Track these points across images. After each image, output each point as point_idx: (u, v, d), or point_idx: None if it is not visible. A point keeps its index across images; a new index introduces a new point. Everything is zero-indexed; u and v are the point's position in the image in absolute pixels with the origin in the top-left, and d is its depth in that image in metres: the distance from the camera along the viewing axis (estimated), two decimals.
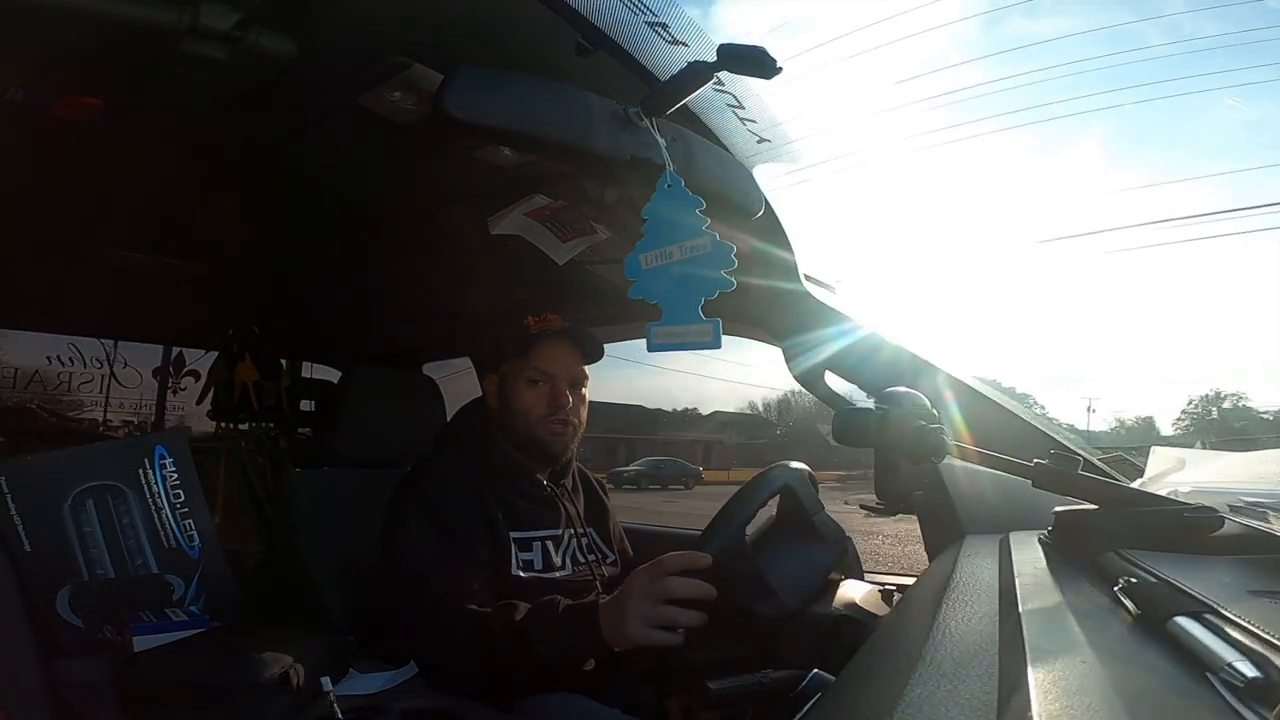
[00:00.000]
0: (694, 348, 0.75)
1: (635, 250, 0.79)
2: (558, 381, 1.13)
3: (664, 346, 0.77)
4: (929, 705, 0.30)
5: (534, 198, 1.06)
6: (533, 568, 1.08)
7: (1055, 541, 0.57)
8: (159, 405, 3.08)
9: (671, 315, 0.77)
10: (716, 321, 0.74)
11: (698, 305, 0.75)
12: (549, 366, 1.13)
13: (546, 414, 1.12)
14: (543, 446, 1.13)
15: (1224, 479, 0.73)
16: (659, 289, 0.77)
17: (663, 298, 0.77)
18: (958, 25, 15.11)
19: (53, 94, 0.86)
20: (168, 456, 1.19)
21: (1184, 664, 0.31)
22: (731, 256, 0.73)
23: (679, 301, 0.76)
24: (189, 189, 1.15)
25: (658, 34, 0.77)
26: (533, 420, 1.12)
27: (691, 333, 0.75)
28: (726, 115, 0.90)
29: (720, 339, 0.74)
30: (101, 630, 1.09)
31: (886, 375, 1.06)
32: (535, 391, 1.12)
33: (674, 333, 0.76)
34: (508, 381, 1.14)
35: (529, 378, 1.13)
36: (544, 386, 1.13)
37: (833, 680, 0.62)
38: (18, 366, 3.10)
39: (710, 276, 0.74)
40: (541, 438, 1.13)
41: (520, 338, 1.13)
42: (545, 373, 1.12)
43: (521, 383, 1.13)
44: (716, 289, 0.73)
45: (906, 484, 0.73)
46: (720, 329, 0.74)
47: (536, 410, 1.12)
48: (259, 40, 0.75)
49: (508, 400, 1.14)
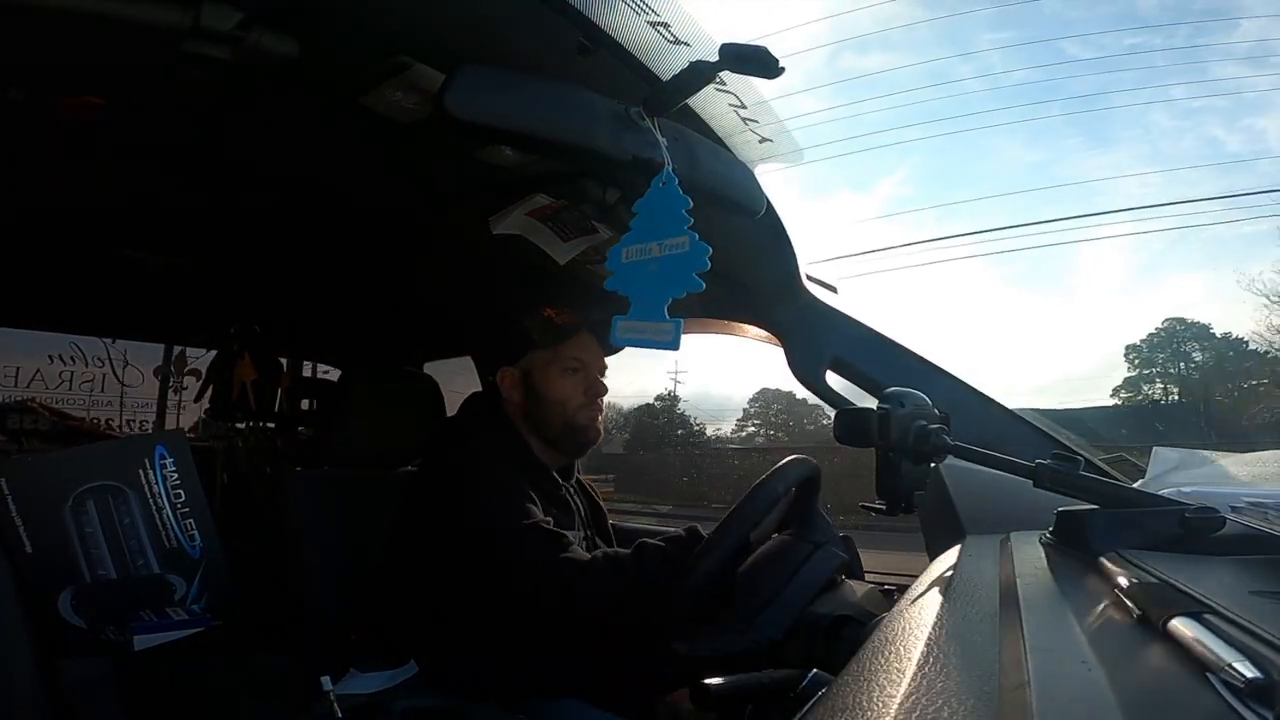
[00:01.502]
0: (655, 346, 0.75)
1: (620, 243, 0.79)
2: (591, 370, 1.14)
3: (629, 341, 0.77)
4: (929, 705, 0.30)
5: (535, 197, 1.06)
6: None
7: (1056, 541, 0.57)
8: (160, 404, 3.08)
9: (639, 310, 0.77)
10: (678, 322, 0.74)
11: (664, 304, 0.74)
12: (584, 355, 1.13)
13: (585, 401, 1.13)
14: (579, 434, 1.13)
15: (1224, 479, 0.73)
16: (633, 283, 0.77)
17: (634, 292, 0.77)
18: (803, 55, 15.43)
19: (54, 94, 0.86)
20: (168, 456, 1.19)
21: (1184, 664, 0.31)
22: (706, 259, 0.73)
23: (648, 297, 0.76)
24: (190, 188, 1.15)
25: (660, 34, 0.77)
26: (571, 408, 1.12)
27: (654, 330, 0.75)
28: (729, 115, 0.91)
29: (679, 341, 0.74)
30: (104, 630, 1.09)
31: (888, 375, 1.06)
32: (572, 380, 1.13)
33: (638, 329, 0.76)
34: (535, 372, 1.13)
35: (565, 366, 1.13)
36: (579, 375, 1.13)
37: (833, 680, 0.62)
38: (19, 365, 3.11)
39: (682, 276, 0.73)
40: (580, 424, 1.13)
41: (552, 327, 1.13)
42: (581, 361, 1.13)
43: (555, 371, 1.13)
44: (685, 290, 0.73)
45: (907, 484, 0.73)
46: (680, 330, 0.74)
47: (575, 398, 1.12)
48: (260, 40, 0.75)
49: (538, 391, 1.13)
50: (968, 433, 0.73)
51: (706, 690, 0.74)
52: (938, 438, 0.67)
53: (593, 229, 1.10)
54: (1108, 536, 0.53)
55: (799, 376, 1.18)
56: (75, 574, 1.09)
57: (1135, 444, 8.18)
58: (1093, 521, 0.55)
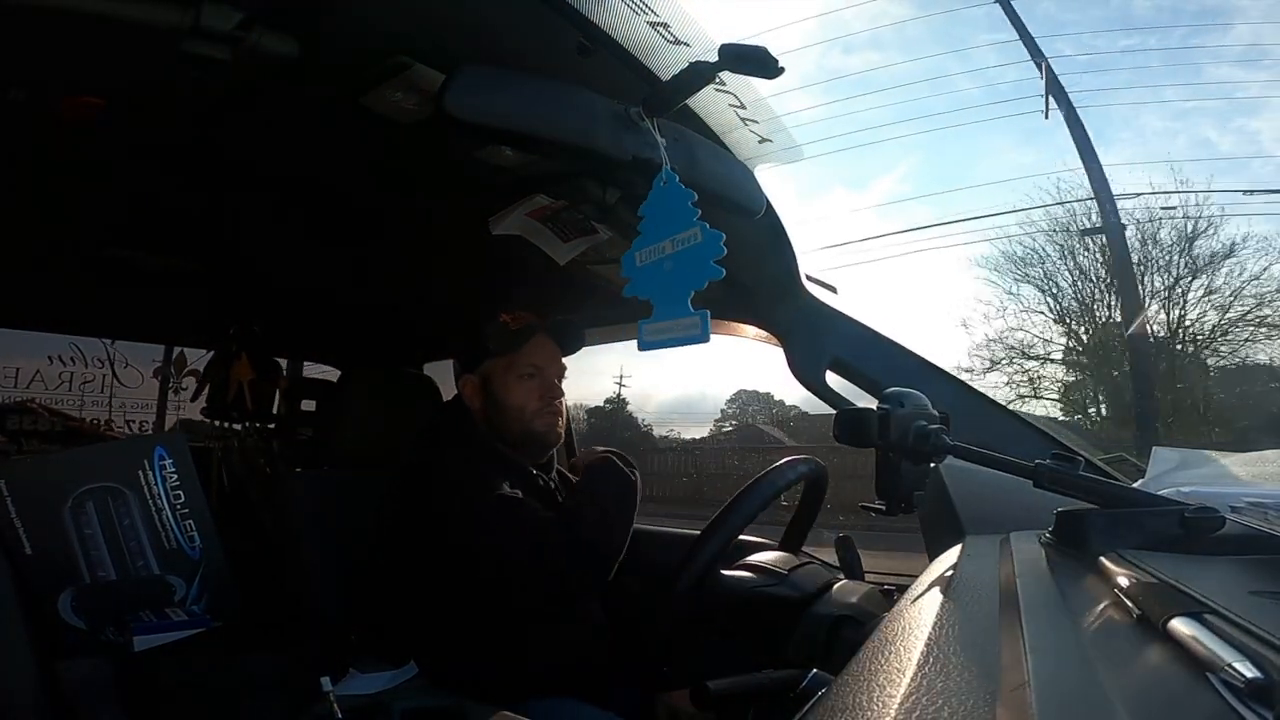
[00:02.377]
0: (683, 343, 0.74)
1: (631, 249, 0.79)
2: (547, 374, 1.15)
3: (655, 344, 0.77)
4: (929, 705, 0.30)
5: (535, 197, 1.06)
6: None
7: (1056, 541, 0.57)
8: (160, 405, 3.08)
9: (662, 311, 0.76)
10: (704, 314, 0.73)
11: (687, 297, 0.74)
12: (539, 360, 1.14)
13: (541, 406, 1.13)
14: (538, 439, 1.14)
15: (1224, 479, 0.73)
16: (651, 286, 0.77)
17: (654, 294, 0.77)
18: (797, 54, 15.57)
19: (54, 94, 0.86)
20: (167, 458, 1.19)
21: (1184, 664, 0.31)
22: (721, 245, 0.72)
23: (669, 296, 0.75)
24: (190, 188, 1.15)
25: (659, 34, 0.77)
26: (528, 415, 1.13)
27: (680, 327, 0.74)
28: (728, 115, 0.91)
29: (708, 332, 0.73)
30: (104, 631, 1.09)
31: (887, 375, 1.06)
32: (527, 386, 1.13)
33: (664, 329, 0.76)
34: (494, 379, 1.15)
35: (521, 372, 1.14)
36: (535, 380, 1.14)
37: (833, 680, 0.62)
38: (19, 365, 3.11)
39: (700, 267, 0.73)
40: (537, 430, 1.14)
41: (506, 334, 1.14)
42: (537, 366, 1.14)
43: (512, 379, 1.14)
44: (706, 279, 0.73)
45: (907, 484, 0.73)
46: (708, 321, 0.73)
47: (531, 404, 1.13)
48: (260, 40, 0.75)
49: (496, 398, 1.14)
50: (967, 433, 0.73)
51: (706, 690, 0.74)
52: (937, 438, 0.67)
53: (593, 229, 1.10)
54: (1107, 536, 0.53)
55: (799, 377, 1.18)
56: (75, 575, 1.09)
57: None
58: (1093, 521, 0.55)
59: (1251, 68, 15.47)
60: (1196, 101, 16.46)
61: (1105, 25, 18.57)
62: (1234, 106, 18.81)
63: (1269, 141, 24.60)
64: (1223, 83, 16.17)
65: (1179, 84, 16.99)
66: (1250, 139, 25.34)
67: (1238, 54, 13.43)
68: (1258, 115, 21.40)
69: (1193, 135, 24.18)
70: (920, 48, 26.59)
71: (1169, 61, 16.66)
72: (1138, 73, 17.40)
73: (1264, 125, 22.29)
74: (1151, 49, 18.34)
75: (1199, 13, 19.69)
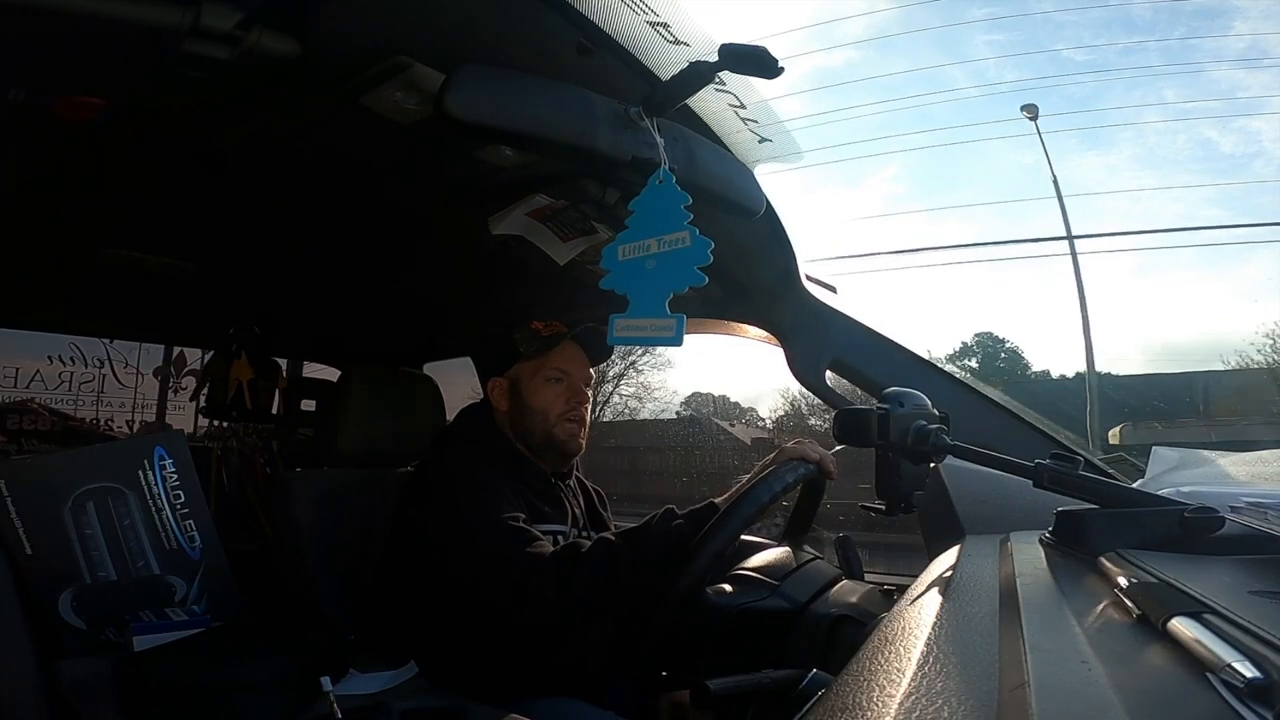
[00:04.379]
0: (656, 343, 0.75)
1: (615, 241, 0.79)
2: (574, 379, 1.16)
3: (627, 339, 0.77)
4: (929, 705, 0.30)
5: (535, 197, 1.06)
6: None
7: (1056, 541, 0.57)
8: (160, 405, 3.08)
9: (637, 307, 0.76)
10: (680, 317, 0.73)
11: (665, 299, 0.74)
12: (567, 365, 1.16)
13: (565, 411, 1.15)
14: (559, 445, 1.15)
15: (1224, 479, 0.74)
16: (630, 280, 0.77)
17: (632, 289, 0.77)
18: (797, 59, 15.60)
19: (54, 94, 0.86)
20: (167, 458, 1.19)
21: (1184, 664, 0.31)
22: (709, 252, 0.73)
23: (647, 294, 0.76)
24: (190, 189, 1.15)
25: (660, 34, 0.77)
26: (552, 418, 1.14)
27: (654, 326, 0.75)
28: (728, 115, 0.91)
29: (682, 335, 0.73)
30: (104, 631, 1.09)
31: (887, 375, 1.06)
32: (554, 390, 1.15)
33: (638, 325, 0.76)
34: (522, 382, 1.16)
35: (548, 376, 1.15)
36: (562, 385, 1.15)
37: (833, 680, 0.62)
38: (19, 365, 3.10)
39: (683, 271, 0.73)
40: (558, 436, 1.15)
41: (537, 339, 1.15)
42: (564, 371, 1.15)
43: (539, 381, 1.15)
44: (687, 284, 0.73)
45: (907, 484, 0.73)
46: (684, 325, 0.73)
47: (556, 408, 1.14)
48: (260, 40, 0.75)
49: (523, 400, 1.15)
50: (967, 433, 0.73)
51: (706, 690, 0.74)
52: (937, 438, 0.67)
53: (592, 229, 1.10)
54: (1107, 536, 0.53)
55: (799, 376, 1.18)
56: (75, 575, 1.09)
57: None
58: (1092, 521, 0.55)
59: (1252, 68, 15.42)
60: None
61: (1105, 25, 18.55)
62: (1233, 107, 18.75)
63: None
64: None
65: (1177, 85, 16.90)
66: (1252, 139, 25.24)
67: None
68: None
69: (1192, 135, 24.14)
70: (920, 48, 26.58)
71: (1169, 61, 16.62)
72: (1138, 72, 17.35)
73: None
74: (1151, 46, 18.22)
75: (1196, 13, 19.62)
